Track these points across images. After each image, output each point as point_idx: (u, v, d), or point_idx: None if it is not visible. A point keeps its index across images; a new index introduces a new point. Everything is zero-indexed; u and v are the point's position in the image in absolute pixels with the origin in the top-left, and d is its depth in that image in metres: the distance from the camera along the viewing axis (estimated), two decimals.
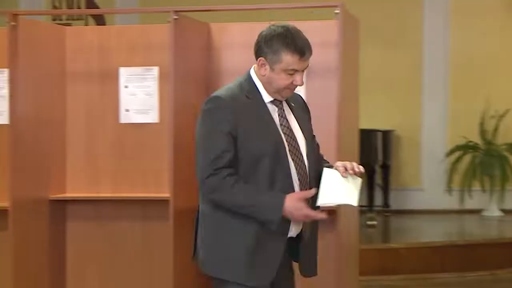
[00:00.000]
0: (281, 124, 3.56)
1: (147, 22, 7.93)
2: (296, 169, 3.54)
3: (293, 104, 3.70)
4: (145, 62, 5.40)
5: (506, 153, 10.92)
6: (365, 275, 8.74)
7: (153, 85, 5.38)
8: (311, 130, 3.82)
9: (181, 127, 4.88)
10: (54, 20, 10.33)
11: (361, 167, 3.57)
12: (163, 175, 5.20)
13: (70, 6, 12.10)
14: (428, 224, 11.07)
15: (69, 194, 5.48)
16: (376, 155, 11.75)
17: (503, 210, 10.95)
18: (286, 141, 3.53)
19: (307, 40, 3.52)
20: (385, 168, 12.29)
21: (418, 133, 11.93)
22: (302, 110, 3.78)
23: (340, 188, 3.52)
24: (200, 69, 5.19)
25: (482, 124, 11.11)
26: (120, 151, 5.42)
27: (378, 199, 12.36)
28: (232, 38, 5.26)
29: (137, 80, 5.40)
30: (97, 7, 11.92)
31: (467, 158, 11.19)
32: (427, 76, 11.87)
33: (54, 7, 11.85)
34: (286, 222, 3.48)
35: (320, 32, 5.06)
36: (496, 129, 11.03)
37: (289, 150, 3.53)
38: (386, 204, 12.42)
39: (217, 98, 3.51)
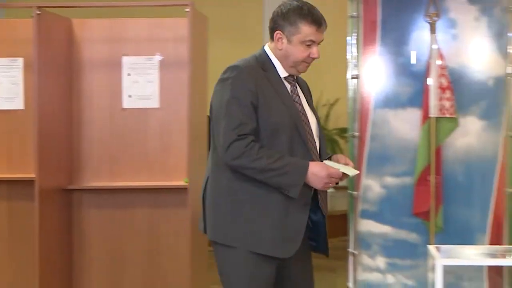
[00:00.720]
0: (294, 100, 3.27)
1: (12, 16, 7.73)
2: (308, 145, 3.23)
3: (301, 85, 3.43)
4: (11, 54, 5.27)
5: (336, 137, 11.24)
6: None
7: (18, 75, 5.26)
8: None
9: (45, 113, 4.83)
10: None
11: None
12: (29, 157, 5.10)
13: None
14: None
15: None
16: None
17: (334, 187, 11.27)
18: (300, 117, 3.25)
19: (320, 13, 3.24)
20: None
21: None
22: (309, 94, 3.48)
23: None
24: (63, 60, 5.12)
25: None
26: None
27: None
28: (92, 32, 5.21)
29: (3, 70, 5.27)
30: None
31: None
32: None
33: None
34: (308, 192, 3.18)
35: (173, 29, 5.16)
36: (327, 116, 11.33)
37: (303, 125, 3.24)
38: None
39: (237, 67, 3.21)
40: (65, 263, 5.14)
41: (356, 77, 4.79)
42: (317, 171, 3.10)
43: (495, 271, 4.83)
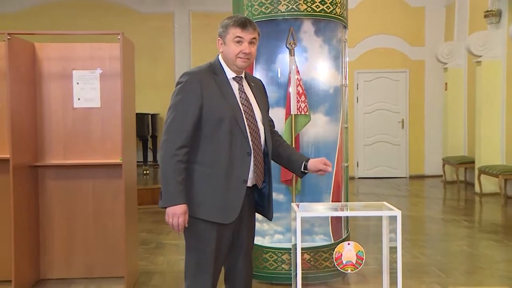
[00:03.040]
0: (240, 96, 3.04)
1: None
2: (250, 132, 3.00)
3: (253, 84, 3.20)
4: None
5: None
6: (142, 205, 8.89)
7: None
8: (267, 106, 3.31)
9: (16, 111, 4.72)
10: None
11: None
12: (4, 142, 5.01)
13: None
14: None
15: None
16: (148, 129, 11.91)
17: None
18: (243, 110, 3.01)
19: (250, 19, 3.05)
20: (153, 137, 12.46)
21: None
22: (260, 90, 3.25)
23: None
24: (29, 74, 5.02)
25: None
26: None
27: (150, 157, 12.54)
28: (50, 53, 5.13)
29: None
30: None
31: None
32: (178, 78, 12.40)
33: None
34: (245, 170, 3.01)
35: (109, 50, 5.14)
36: None
37: (245, 117, 3.01)
38: (155, 160, 12.59)
39: (186, 73, 3.02)
40: (34, 222, 5.07)
41: None
42: (174, 213, 2.90)
43: (336, 219, 4.98)
